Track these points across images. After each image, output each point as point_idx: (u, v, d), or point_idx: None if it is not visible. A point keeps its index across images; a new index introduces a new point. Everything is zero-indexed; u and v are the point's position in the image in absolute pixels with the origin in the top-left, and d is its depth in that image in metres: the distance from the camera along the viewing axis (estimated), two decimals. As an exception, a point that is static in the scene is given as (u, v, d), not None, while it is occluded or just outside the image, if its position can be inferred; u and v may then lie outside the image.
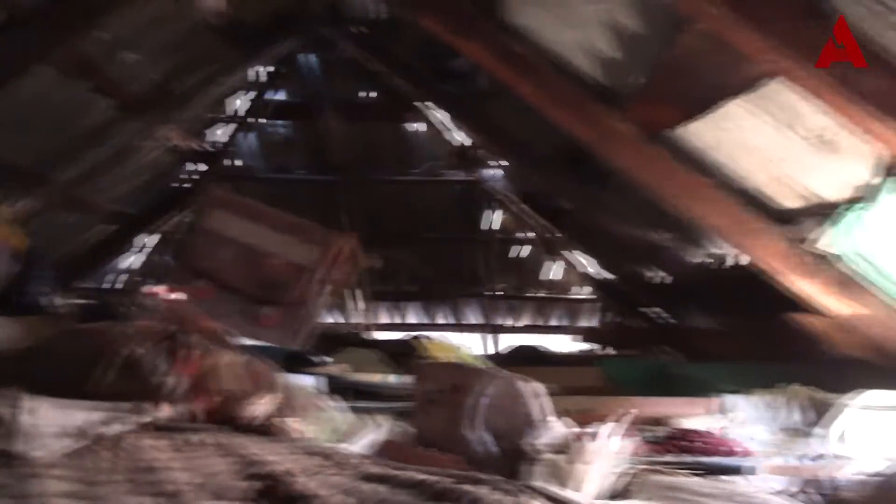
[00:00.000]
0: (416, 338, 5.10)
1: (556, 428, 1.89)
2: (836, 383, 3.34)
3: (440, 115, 7.32)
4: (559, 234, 7.49)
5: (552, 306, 8.23)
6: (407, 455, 1.70)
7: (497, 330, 8.23)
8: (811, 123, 3.06)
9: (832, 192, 3.41)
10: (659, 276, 6.20)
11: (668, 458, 2.33)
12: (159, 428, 1.82)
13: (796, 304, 4.04)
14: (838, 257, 3.52)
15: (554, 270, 8.10)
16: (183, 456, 1.63)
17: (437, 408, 1.88)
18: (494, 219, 8.00)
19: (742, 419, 3.12)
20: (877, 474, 2.00)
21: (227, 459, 1.59)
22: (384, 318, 8.26)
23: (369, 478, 1.40)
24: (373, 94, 7.49)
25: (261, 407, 1.96)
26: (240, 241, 4.02)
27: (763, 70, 2.80)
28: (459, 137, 7.52)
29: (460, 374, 2.00)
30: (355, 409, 2.60)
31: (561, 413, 2.31)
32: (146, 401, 1.86)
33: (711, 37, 2.79)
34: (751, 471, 2.16)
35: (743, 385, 3.57)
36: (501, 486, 1.26)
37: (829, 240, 3.47)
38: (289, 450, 1.60)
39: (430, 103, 7.09)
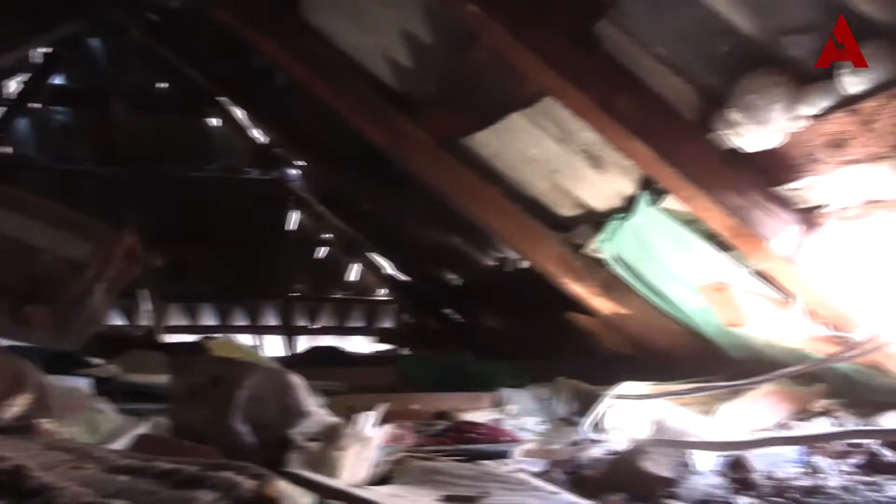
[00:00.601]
0: (205, 339, 4.94)
1: (319, 418, 1.95)
2: (605, 376, 3.66)
3: (240, 112, 7.15)
4: (358, 236, 7.56)
5: (351, 307, 8.31)
6: (161, 447, 1.69)
7: (295, 331, 8.16)
8: (581, 139, 3.36)
9: (601, 202, 3.76)
10: (452, 278, 6.46)
11: (445, 447, 2.47)
12: None
13: (573, 304, 4.42)
14: (604, 262, 3.88)
15: (353, 272, 8.18)
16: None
17: (198, 401, 1.88)
18: (294, 219, 7.93)
19: (516, 411, 3.36)
20: (615, 453, 2.26)
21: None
22: (177, 320, 7.89)
23: (113, 470, 1.38)
24: (167, 86, 7.15)
25: (13, 408, 1.86)
26: (6, 235, 3.69)
27: (539, 88, 3.04)
28: (258, 135, 7.38)
29: (221, 367, 2.00)
30: (128, 411, 2.51)
31: (349, 410, 2.39)
32: None
33: (496, 53, 2.97)
34: (510, 455, 2.35)
35: (526, 380, 3.83)
36: (249, 471, 1.30)
37: (597, 246, 3.82)
38: (33, 448, 1.53)
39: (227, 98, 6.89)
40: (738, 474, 2.02)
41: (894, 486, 1.81)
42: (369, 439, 1.93)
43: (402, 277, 7.51)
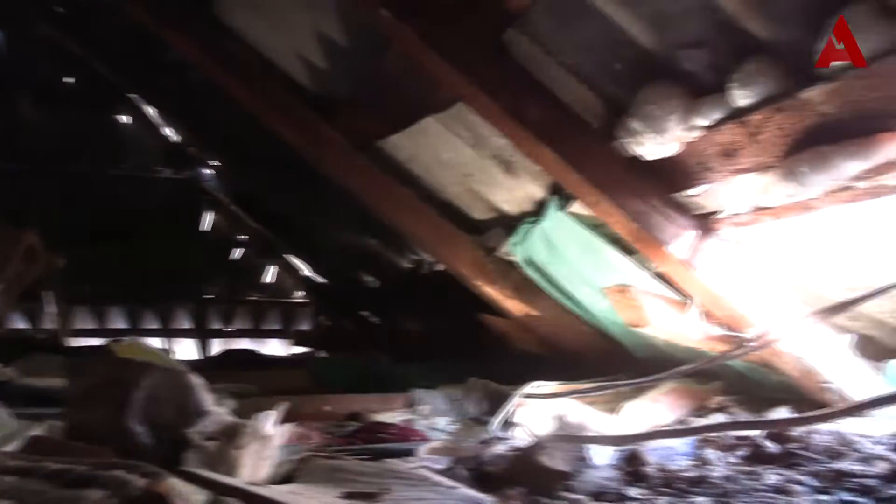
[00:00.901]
0: (112, 342, 4.79)
1: (218, 417, 1.94)
2: (517, 376, 3.75)
3: (151, 109, 6.97)
4: (274, 237, 7.49)
5: (267, 310, 8.20)
6: (53, 449, 1.65)
7: (209, 334, 8.00)
8: (493, 144, 3.43)
9: (513, 206, 3.85)
10: (369, 280, 6.47)
11: (351, 447, 2.49)
12: None
13: (486, 306, 4.50)
14: (516, 265, 3.97)
15: (269, 274, 8.09)
16: None
17: (94, 402, 1.84)
18: (208, 219, 7.78)
19: (427, 411, 3.41)
20: (516, 449, 2.33)
21: None
22: (84, 323, 7.61)
23: (1, 471, 1.35)
24: (75, 81, 6.91)
25: None
26: None
27: (452, 93, 3.09)
28: (171, 133, 7.21)
29: (118, 368, 1.97)
30: (24, 415, 2.43)
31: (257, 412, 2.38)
32: None
33: (408, 57, 3.01)
34: (415, 453, 2.39)
35: (438, 381, 3.88)
36: (141, 469, 1.29)
37: (509, 249, 3.90)
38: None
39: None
40: (631, 467, 2.12)
41: (772, 475, 1.94)
42: (269, 438, 1.94)
43: (319, 280, 7.46)
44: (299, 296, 8.18)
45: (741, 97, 2.26)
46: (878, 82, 1.92)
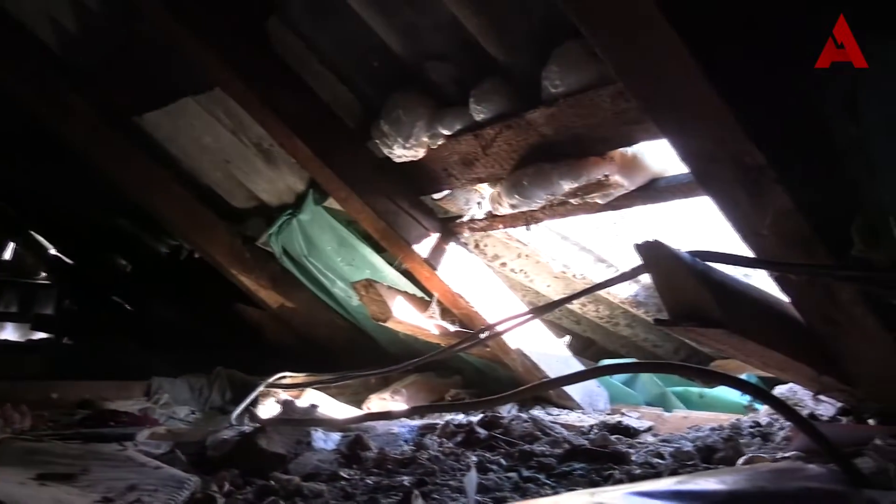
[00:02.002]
0: None
1: None
2: (267, 367, 3.74)
3: None
4: (13, 212, 6.78)
5: (2, 291, 7.42)
6: None
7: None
8: (253, 133, 3.40)
9: (273, 197, 3.83)
10: (123, 264, 6.10)
11: (63, 432, 2.37)
12: None
13: (242, 296, 4.43)
14: (275, 256, 3.96)
15: (6, 251, 7.33)
16: None
17: None
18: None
19: (165, 400, 3.30)
20: (239, 433, 2.35)
21: None
22: None
23: None
24: None
25: None
26: None
27: (210, 76, 3.03)
28: None
29: None
30: None
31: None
32: None
33: (162, 32, 2.90)
34: (135, 438, 2.33)
35: (184, 370, 3.76)
36: None
37: (266, 240, 3.88)
38: None
39: None
40: (351, 451, 2.22)
41: (473, 456, 2.13)
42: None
43: (67, 260, 6.88)
44: (42, 277, 7.47)
45: (477, 112, 2.45)
46: (584, 111, 2.18)
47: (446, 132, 2.59)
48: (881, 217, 1.59)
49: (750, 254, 1.77)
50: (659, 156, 2.31)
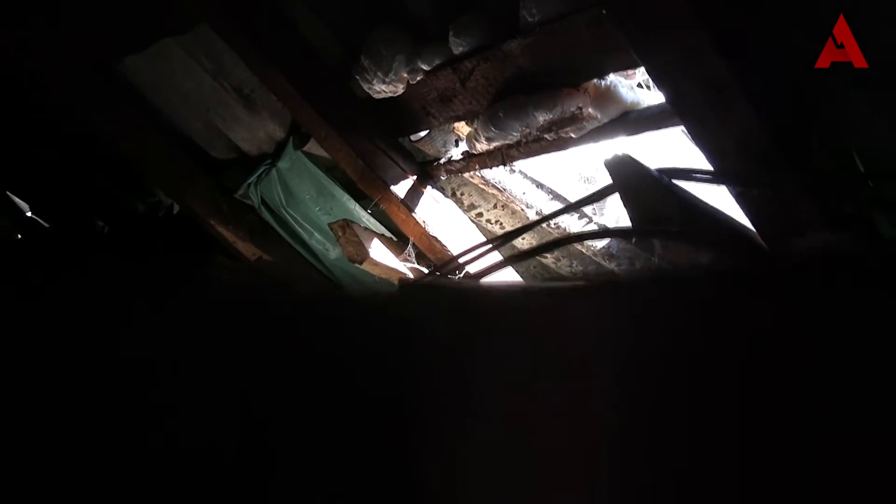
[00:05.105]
0: None
1: None
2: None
3: None
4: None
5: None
6: None
7: None
8: (234, 77, 3.42)
9: (252, 146, 3.84)
10: (100, 224, 6.06)
11: None
12: None
13: (223, 250, 4.43)
14: (252, 208, 3.97)
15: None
16: None
17: None
18: None
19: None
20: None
21: None
22: None
23: None
24: None
25: None
26: None
27: (192, 12, 3.04)
28: None
29: None
30: None
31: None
32: None
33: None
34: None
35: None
36: None
37: (245, 190, 3.90)
38: None
39: None
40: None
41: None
42: None
43: (43, 223, 6.81)
44: (18, 239, 7.39)
45: (456, 45, 2.49)
46: (560, 38, 2.23)
47: (426, 67, 2.62)
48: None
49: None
50: (631, 89, 2.37)
